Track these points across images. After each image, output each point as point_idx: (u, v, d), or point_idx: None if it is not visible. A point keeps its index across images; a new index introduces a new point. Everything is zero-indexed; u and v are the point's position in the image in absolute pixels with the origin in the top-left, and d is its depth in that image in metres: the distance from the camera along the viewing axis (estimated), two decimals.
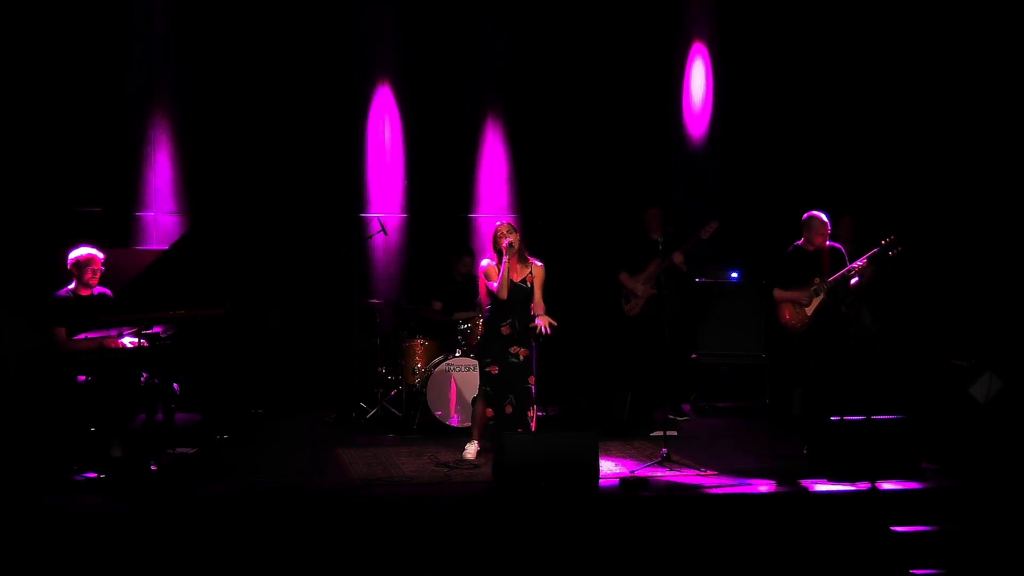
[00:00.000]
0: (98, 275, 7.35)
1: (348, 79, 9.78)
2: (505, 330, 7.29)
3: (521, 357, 7.29)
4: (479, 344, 7.58)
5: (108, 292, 7.43)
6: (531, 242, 7.60)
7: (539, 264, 7.38)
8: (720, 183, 10.30)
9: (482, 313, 8.22)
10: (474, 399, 7.76)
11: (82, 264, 7.30)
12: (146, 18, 9.41)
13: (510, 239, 7.19)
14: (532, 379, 7.33)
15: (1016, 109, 9.46)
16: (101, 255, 7.38)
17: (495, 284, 7.23)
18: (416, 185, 9.95)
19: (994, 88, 9.58)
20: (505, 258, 7.19)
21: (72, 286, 7.32)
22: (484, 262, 7.41)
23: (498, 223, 7.42)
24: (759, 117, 10.15)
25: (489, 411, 7.32)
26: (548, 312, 7.27)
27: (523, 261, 7.32)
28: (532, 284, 7.33)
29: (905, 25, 9.85)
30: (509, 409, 7.25)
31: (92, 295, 7.34)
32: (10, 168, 8.93)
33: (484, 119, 10.06)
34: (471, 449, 7.38)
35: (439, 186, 9.96)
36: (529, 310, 7.34)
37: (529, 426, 7.27)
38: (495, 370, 7.28)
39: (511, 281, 7.25)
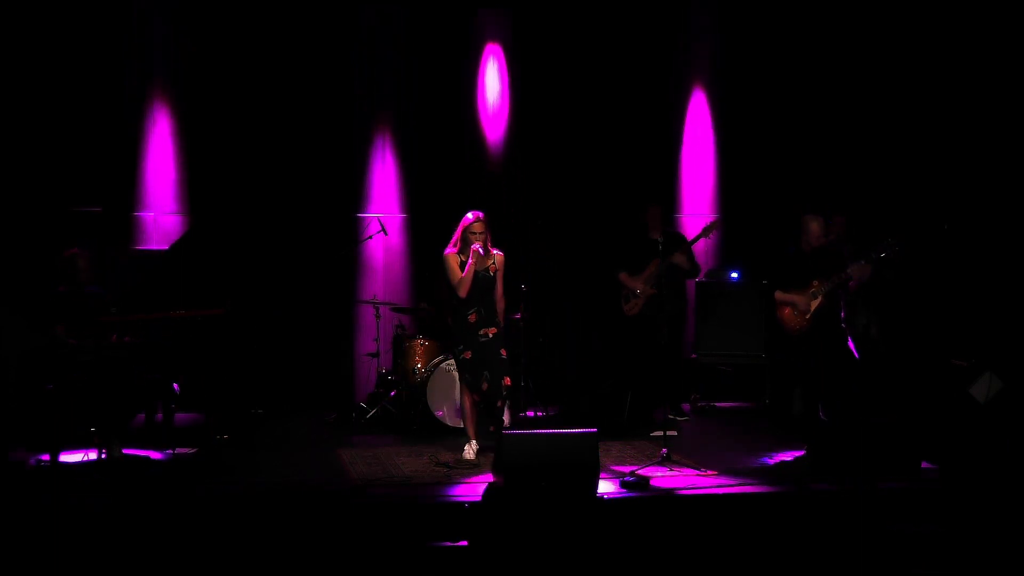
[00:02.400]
0: (88, 274, 7.37)
1: (348, 79, 9.77)
2: (472, 318, 7.36)
3: (491, 335, 7.36)
4: (451, 334, 7.55)
5: (101, 292, 7.45)
6: (531, 242, 7.61)
7: (499, 253, 7.42)
8: (720, 183, 10.30)
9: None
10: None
11: (71, 263, 7.33)
12: (146, 18, 9.40)
13: (479, 245, 7.21)
14: (504, 352, 7.35)
15: (1016, 109, 9.47)
16: (88, 254, 7.41)
17: (457, 278, 7.27)
18: (416, 185, 9.94)
19: (994, 88, 9.59)
20: (472, 261, 7.23)
21: (65, 286, 7.34)
22: (448, 251, 7.38)
23: (470, 215, 7.35)
24: (760, 117, 10.15)
25: (475, 396, 7.36)
26: (542, 311, 7.30)
27: (486, 250, 7.34)
28: (495, 273, 7.38)
29: (904, 25, 9.85)
30: (485, 385, 7.29)
31: (88, 295, 7.35)
32: (10, 168, 8.93)
33: (485, 119, 10.07)
34: (470, 449, 7.37)
35: (439, 186, 9.95)
36: (493, 297, 7.41)
37: (504, 394, 7.28)
38: (468, 355, 7.34)
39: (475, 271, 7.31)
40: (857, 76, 10.01)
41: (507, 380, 7.33)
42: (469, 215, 7.35)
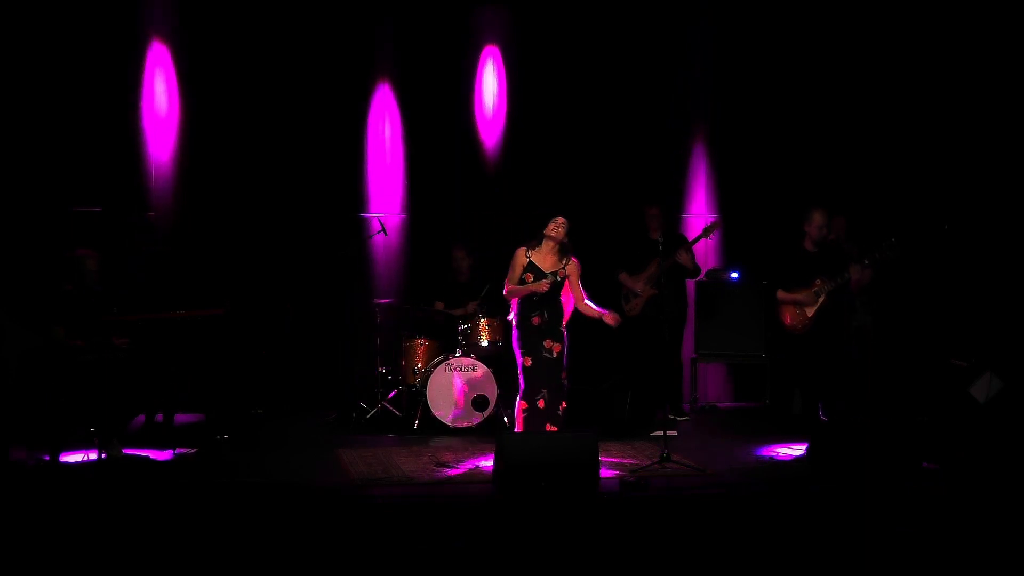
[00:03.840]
0: (95, 275, 7.39)
1: (349, 79, 9.76)
2: (535, 320, 7.17)
3: (555, 353, 7.16)
4: (515, 336, 7.26)
5: (107, 293, 7.47)
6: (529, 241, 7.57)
7: (575, 260, 7.22)
8: (720, 183, 10.29)
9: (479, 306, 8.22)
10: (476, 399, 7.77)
11: (79, 263, 7.34)
12: (148, 16, 9.39)
13: (544, 284, 7.08)
14: (564, 374, 7.20)
15: (1016, 109, 9.47)
16: (97, 255, 7.43)
17: (511, 283, 7.16)
18: (416, 185, 9.94)
19: (994, 88, 9.59)
20: (529, 288, 7.09)
21: (70, 286, 7.36)
22: (522, 250, 7.23)
23: (560, 220, 7.21)
24: (759, 117, 10.14)
25: (524, 403, 7.18)
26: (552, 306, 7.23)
27: (564, 253, 7.19)
28: (562, 279, 7.16)
29: (904, 24, 9.85)
30: (541, 403, 7.12)
31: (90, 294, 7.37)
32: (10, 168, 8.92)
33: (483, 118, 10.07)
34: None
35: (439, 186, 9.96)
36: (558, 302, 7.18)
37: (560, 421, 7.15)
38: (528, 362, 7.16)
39: (539, 271, 7.14)
40: (857, 76, 10.01)
41: (564, 404, 7.20)
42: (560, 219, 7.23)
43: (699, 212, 10.22)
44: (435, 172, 9.95)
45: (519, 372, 7.23)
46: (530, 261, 7.18)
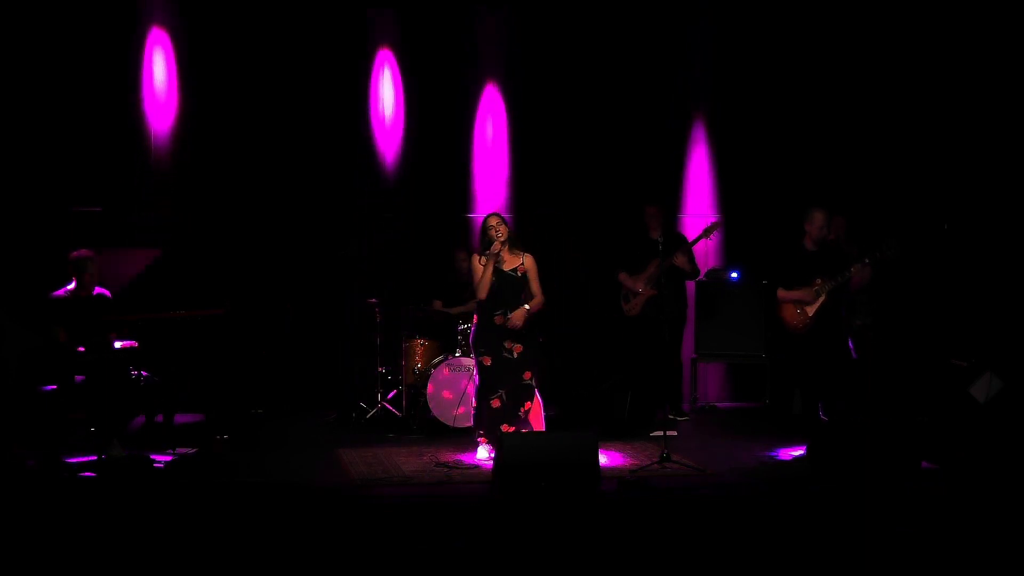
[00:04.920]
0: (96, 276, 7.40)
1: (348, 78, 9.76)
2: (498, 319, 7.24)
3: (515, 353, 7.23)
4: (475, 334, 7.43)
5: (107, 292, 7.47)
6: (530, 242, 7.61)
7: (529, 255, 7.33)
8: (720, 183, 10.29)
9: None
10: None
11: (80, 265, 7.35)
12: (147, 17, 9.40)
13: (497, 243, 7.16)
14: (528, 375, 7.25)
15: (1016, 109, 9.47)
16: (97, 255, 7.43)
17: (476, 279, 7.23)
18: (415, 184, 9.94)
19: (994, 88, 9.59)
20: (490, 262, 7.18)
21: (71, 286, 7.37)
22: (476, 257, 7.34)
23: (487, 216, 7.38)
24: (759, 117, 10.14)
25: (475, 402, 7.31)
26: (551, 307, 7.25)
27: (516, 250, 7.30)
28: (523, 274, 7.28)
29: (904, 24, 9.85)
30: (496, 403, 7.19)
31: (91, 295, 7.38)
32: (10, 168, 8.93)
33: (484, 117, 10.06)
34: (482, 450, 7.30)
35: (438, 185, 9.96)
36: (519, 299, 7.27)
37: (521, 422, 7.20)
38: (487, 361, 7.24)
39: (499, 271, 7.23)
40: (857, 76, 10.00)
41: (527, 404, 7.24)
42: (487, 215, 7.37)
43: (699, 212, 10.22)
44: (435, 173, 9.95)
45: (476, 370, 7.30)
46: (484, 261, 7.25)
